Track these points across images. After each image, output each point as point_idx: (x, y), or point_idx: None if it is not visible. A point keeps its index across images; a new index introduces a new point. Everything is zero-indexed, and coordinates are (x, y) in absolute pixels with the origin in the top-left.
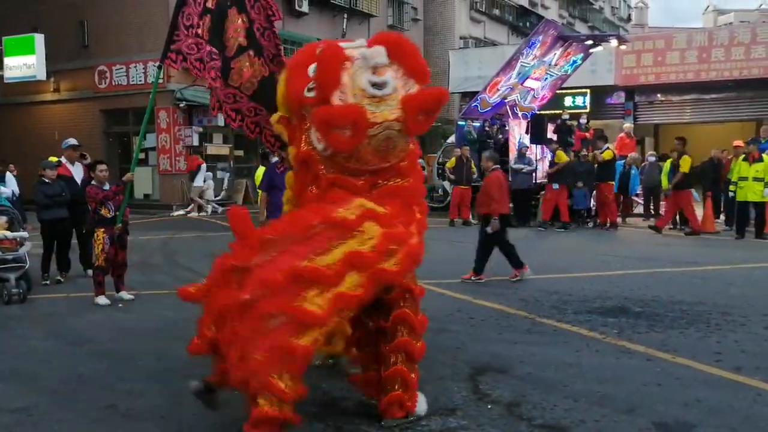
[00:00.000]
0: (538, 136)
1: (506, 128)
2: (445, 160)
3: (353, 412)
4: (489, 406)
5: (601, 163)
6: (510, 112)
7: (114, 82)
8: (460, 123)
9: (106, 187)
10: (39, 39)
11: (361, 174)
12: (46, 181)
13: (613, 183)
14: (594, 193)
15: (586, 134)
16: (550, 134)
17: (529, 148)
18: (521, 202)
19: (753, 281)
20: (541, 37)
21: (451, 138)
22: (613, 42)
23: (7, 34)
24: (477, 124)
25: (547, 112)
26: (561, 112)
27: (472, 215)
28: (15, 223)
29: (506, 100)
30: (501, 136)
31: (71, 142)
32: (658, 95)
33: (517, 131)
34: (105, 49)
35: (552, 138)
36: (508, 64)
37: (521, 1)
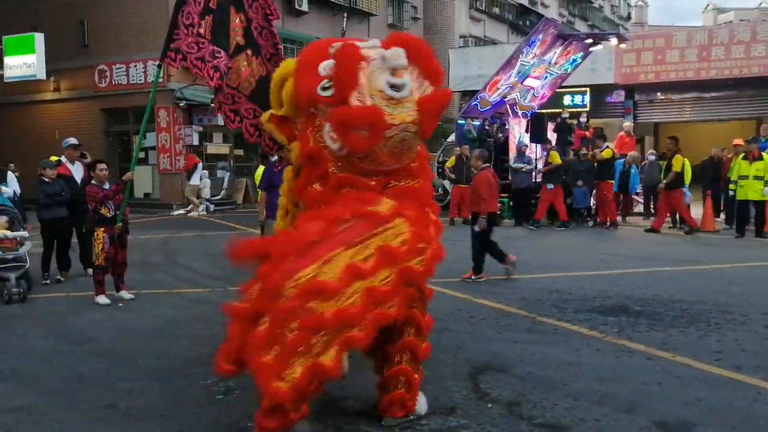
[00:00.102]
0: (537, 135)
1: (506, 127)
2: (445, 159)
3: (353, 412)
4: (489, 405)
5: (601, 162)
6: (510, 111)
7: (114, 81)
8: (459, 122)
9: (106, 186)
10: (39, 38)
11: (374, 174)
12: (46, 180)
13: (613, 182)
14: (594, 191)
15: (586, 133)
16: (550, 133)
17: (528, 147)
18: (521, 201)
19: (753, 280)
20: (540, 36)
21: (451, 137)
22: (613, 40)
23: (7, 33)
24: (477, 123)
25: (547, 111)
26: (561, 110)
27: None
28: (15, 223)
29: (506, 99)
30: (501, 135)
31: (71, 141)
32: (658, 94)
33: (517, 130)
34: (105, 49)
35: (548, 138)
36: (508, 63)
37: (521, 0)
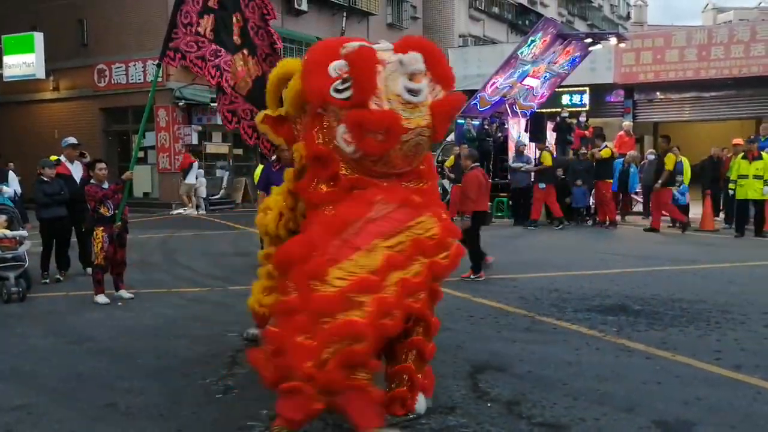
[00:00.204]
0: (537, 134)
1: (505, 126)
2: (444, 158)
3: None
4: (488, 405)
5: (599, 162)
6: (509, 111)
7: (113, 80)
8: (459, 121)
9: (105, 185)
10: (38, 37)
11: (385, 177)
12: (45, 179)
13: (611, 181)
14: (593, 191)
15: (586, 132)
16: (549, 132)
17: (527, 146)
18: (520, 201)
19: (753, 279)
20: (540, 35)
21: (450, 136)
22: (613, 40)
23: (6, 32)
24: (476, 123)
25: (546, 110)
26: (560, 110)
27: None
28: (14, 222)
29: (505, 99)
30: (500, 135)
31: (70, 140)
32: (658, 93)
33: (516, 129)
34: (104, 48)
35: (541, 137)
36: (508, 63)
37: (520, 0)
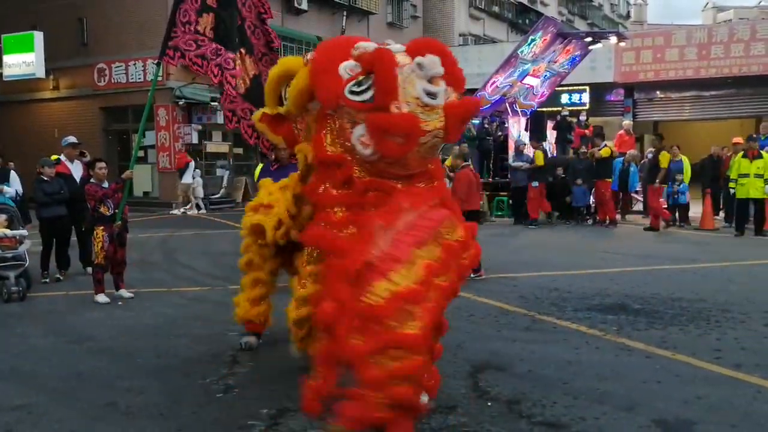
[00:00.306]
0: (537, 133)
1: (505, 125)
2: (445, 157)
3: None
4: (489, 404)
5: (599, 161)
6: (509, 109)
7: (113, 79)
8: None
9: (105, 184)
10: (38, 37)
11: (400, 178)
12: (45, 179)
13: (611, 180)
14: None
15: (586, 131)
16: (550, 131)
17: (526, 145)
18: (520, 200)
19: (753, 278)
20: (540, 34)
21: None
22: (613, 39)
23: (6, 31)
24: (476, 122)
25: (547, 109)
26: (560, 109)
27: None
28: (14, 221)
29: (505, 97)
30: (500, 134)
31: (70, 139)
32: (658, 92)
33: (516, 128)
34: (104, 47)
35: (536, 137)
36: (508, 62)
37: None
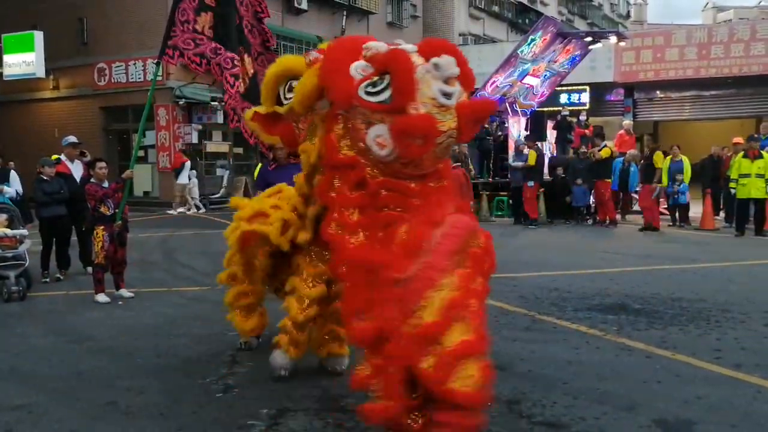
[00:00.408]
0: (537, 133)
1: (505, 125)
2: None
3: (353, 410)
4: (489, 404)
5: (599, 161)
6: (509, 109)
7: (113, 79)
8: None
9: (106, 184)
10: (38, 36)
11: (412, 177)
12: (45, 178)
13: (610, 180)
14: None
15: (586, 131)
16: (549, 130)
17: (525, 145)
18: (519, 199)
19: (753, 278)
20: (540, 34)
21: None
22: (613, 39)
23: (6, 31)
24: None
25: (546, 109)
26: (560, 108)
27: None
28: (15, 221)
29: (505, 97)
30: (500, 133)
31: (71, 139)
32: (658, 92)
33: (516, 128)
34: (104, 47)
35: (542, 136)
36: (507, 61)
37: None
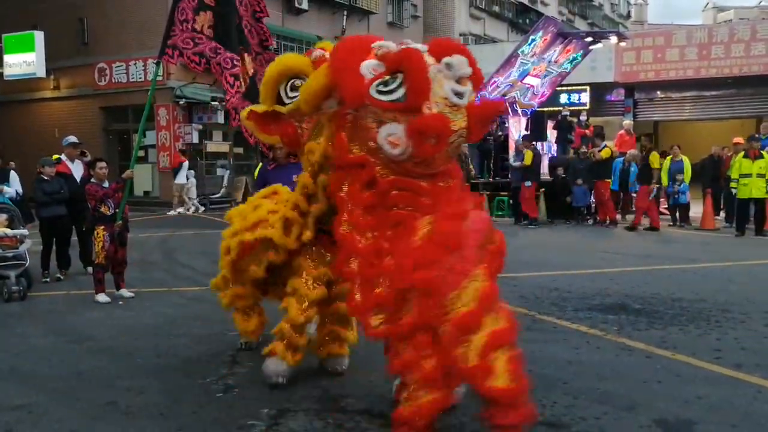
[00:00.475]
0: (537, 133)
1: (506, 125)
2: None
3: (353, 410)
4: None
5: (599, 161)
6: (509, 109)
7: (114, 79)
8: None
9: (106, 184)
10: (39, 36)
11: (422, 177)
12: (45, 178)
13: (610, 181)
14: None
15: (586, 131)
16: (550, 130)
17: (522, 145)
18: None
19: (753, 278)
20: (540, 34)
21: None
22: (613, 39)
23: (7, 31)
24: None
25: (547, 109)
26: (561, 108)
27: None
28: (15, 221)
29: (506, 97)
30: (500, 134)
31: (71, 139)
32: (658, 92)
33: (517, 128)
34: (105, 47)
35: (542, 136)
36: (508, 61)
37: None
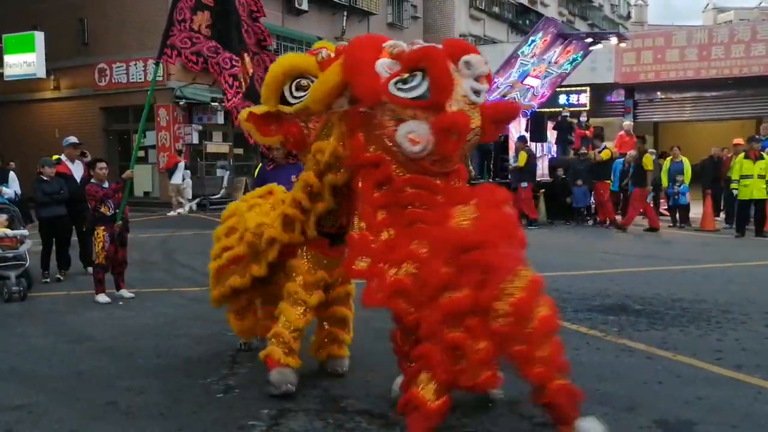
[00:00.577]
0: (537, 134)
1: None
2: None
3: (353, 411)
4: (489, 404)
5: (599, 162)
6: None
7: (114, 79)
8: None
9: (106, 184)
10: (39, 37)
11: (437, 175)
12: (45, 178)
13: (609, 182)
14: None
15: (587, 132)
16: (550, 131)
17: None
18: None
19: (753, 279)
20: (540, 35)
21: None
22: (613, 40)
23: (7, 31)
24: None
25: (547, 110)
26: (561, 109)
27: None
28: (15, 221)
29: (506, 98)
30: (500, 134)
31: (71, 140)
32: (658, 93)
33: (517, 129)
34: (105, 47)
35: (543, 137)
36: (508, 62)
37: None
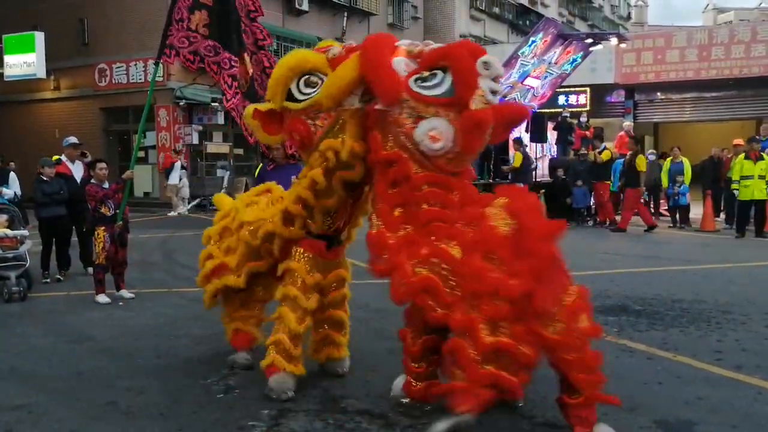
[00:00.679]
0: (538, 135)
1: None
2: None
3: (353, 411)
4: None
5: (599, 163)
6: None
7: (114, 80)
8: None
9: (106, 185)
10: (39, 37)
11: (452, 174)
12: (45, 179)
13: (609, 182)
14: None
15: (587, 133)
16: (550, 132)
17: (527, 147)
18: None
19: (753, 279)
20: (541, 36)
21: None
22: (613, 40)
23: (7, 32)
24: None
25: (547, 111)
26: (561, 110)
27: None
28: (15, 221)
29: (506, 99)
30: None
31: (71, 140)
32: (658, 94)
33: (517, 129)
34: (105, 47)
35: (543, 137)
36: (508, 63)
37: (521, 0)
